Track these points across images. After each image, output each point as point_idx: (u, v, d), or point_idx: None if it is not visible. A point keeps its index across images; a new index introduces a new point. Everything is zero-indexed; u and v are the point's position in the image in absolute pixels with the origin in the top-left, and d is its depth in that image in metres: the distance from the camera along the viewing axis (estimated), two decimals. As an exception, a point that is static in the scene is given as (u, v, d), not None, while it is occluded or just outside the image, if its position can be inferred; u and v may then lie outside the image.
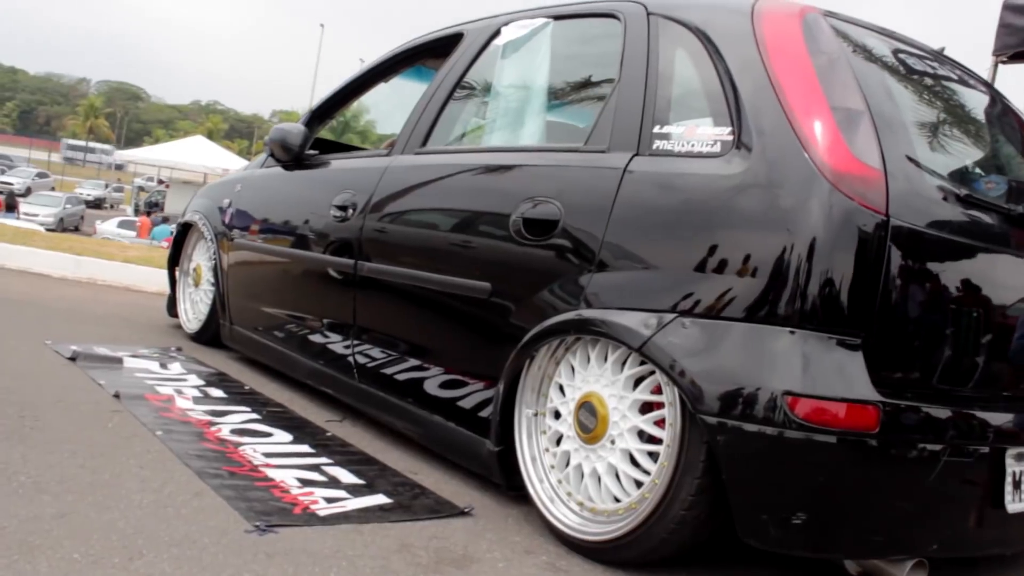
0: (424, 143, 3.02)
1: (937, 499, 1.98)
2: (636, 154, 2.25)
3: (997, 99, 2.73)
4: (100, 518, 1.94)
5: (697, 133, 2.16)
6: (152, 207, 33.77)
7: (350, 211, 3.13)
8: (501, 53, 2.93)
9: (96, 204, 39.93)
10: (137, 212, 32.53)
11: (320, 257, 3.32)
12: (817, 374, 1.83)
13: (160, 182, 39.75)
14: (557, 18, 2.82)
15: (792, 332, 1.87)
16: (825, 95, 2.01)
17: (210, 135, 55.26)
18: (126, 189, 45.01)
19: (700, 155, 2.13)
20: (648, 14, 2.45)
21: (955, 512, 2.02)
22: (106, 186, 46.58)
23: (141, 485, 2.19)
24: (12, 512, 1.89)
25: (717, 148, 2.10)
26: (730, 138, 2.09)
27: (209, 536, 1.93)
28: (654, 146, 2.23)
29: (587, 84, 2.73)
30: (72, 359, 3.50)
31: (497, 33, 2.96)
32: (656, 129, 2.25)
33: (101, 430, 2.63)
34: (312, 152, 3.83)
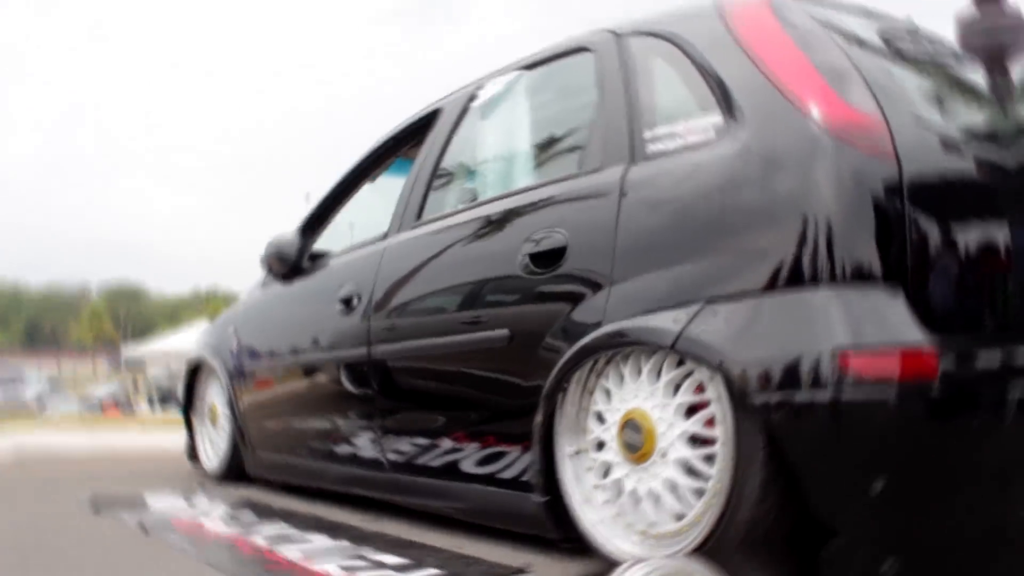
0: (419, 216, 2.98)
1: (1017, 457, 1.84)
2: (631, 163, 2.21)
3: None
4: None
5: (688, 127, 2.12)
6: (166, 397, 33.67)
7: (355, 300, 3.07)
8: (481, 114, 2.92)
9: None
10: (152, 404, 32.39)
11: (333, 355, 3.23)
12: (864, 326, 1.72)
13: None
14: (530, 67, 2.83)
15: (827, 291, 1.77)
16: (808, 58, 1.99)
17: (212, 319, 55.66)
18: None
19: (696, 146, 2.08)
20: (617, 36, 2.46)
21: None
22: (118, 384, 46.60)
23: (174, 590, 2.05)
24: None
25: (712, 135, 2.06)
26: (722, 122, 2.05)
27: (251, 619, 1.79)
28: (648, 150, 2.19)
29: (571, 120, 2.70)
30: (92, 506, 3.36)
31: (474, 97, 2.97)
32: (646, 134, 2.21)
33: (127, 553, 2.48)
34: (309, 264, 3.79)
